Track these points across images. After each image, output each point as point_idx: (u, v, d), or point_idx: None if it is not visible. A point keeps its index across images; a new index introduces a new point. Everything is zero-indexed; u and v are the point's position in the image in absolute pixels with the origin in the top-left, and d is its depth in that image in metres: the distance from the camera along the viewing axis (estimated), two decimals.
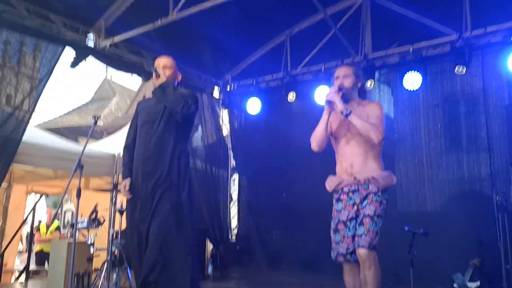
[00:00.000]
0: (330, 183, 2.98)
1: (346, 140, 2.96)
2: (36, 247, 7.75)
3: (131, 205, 3.05)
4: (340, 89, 2.96)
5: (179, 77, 3.27)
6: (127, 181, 3.07)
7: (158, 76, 3.10)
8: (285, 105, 7.15)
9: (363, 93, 3.13)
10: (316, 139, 3.00)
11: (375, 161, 2.91)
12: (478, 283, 4.47)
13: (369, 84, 5.85)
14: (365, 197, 2.85)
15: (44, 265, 7.16)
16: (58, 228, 7.95)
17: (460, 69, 5.31)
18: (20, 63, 5.28)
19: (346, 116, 2.86)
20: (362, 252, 2.75)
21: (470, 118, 5.77)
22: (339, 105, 2.89)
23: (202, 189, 7.40)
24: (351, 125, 2.92)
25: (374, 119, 2.88)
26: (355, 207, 2.87)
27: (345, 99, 2.98)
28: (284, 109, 7.34)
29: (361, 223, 2.80)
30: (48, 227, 7.92)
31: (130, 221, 3.04)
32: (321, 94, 6.43)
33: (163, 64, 3.15)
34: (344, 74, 3.03)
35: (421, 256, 4.32)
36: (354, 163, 2.89)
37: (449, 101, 6.00)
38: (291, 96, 6.70)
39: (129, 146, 3.22)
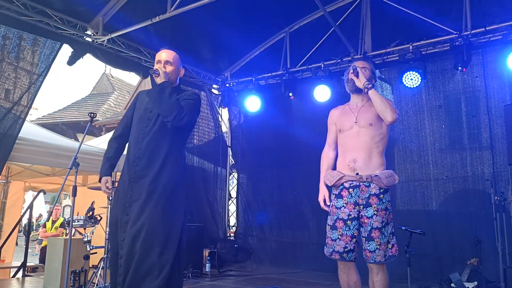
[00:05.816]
0: (331, 178, 2.92)
1: (352, 133, 2.90)
2: (42, 243, 7.80)
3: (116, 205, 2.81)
4: (356, 71, 2.94)
5: (182, 72, 3.01)
6: (108, 179, 2.87)
7: (157, 76, 2.83)
8: (285, 103, 7.12)
9: None
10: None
11: (379, 158, 2.86)
12: (475, 283, 4.45)
13: None
14: (368, 201, 2.77)
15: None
16: (63, 224, 7.97)
17: (461, 68, 5.33)
18: (19, 58, 5.25)
19: (368, 90, 2.85)
20: (375, 265, 2.76)
21: (473, 118, 5.74)
22: (362, 78, 2.90)
23: (200, 187, 7.39)
24: (359, 117, 2.89)
25: None
26: (357, 208, 2.81)
27: (359, 90, 2.96)
28: (283, 107, 7.32)
29: (371, 238, 2.74)
30: (54, 222, 7.94)
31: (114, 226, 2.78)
32: (320, 92, 6.41)
33: (164, 58, 2.90)
34: (362, 66, 3.03)
35: (419, 255, 4.30)
36: (358, 158, 2.83)
37: (451, 100, 5.98)
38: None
39: (116, 139, 2.97)
